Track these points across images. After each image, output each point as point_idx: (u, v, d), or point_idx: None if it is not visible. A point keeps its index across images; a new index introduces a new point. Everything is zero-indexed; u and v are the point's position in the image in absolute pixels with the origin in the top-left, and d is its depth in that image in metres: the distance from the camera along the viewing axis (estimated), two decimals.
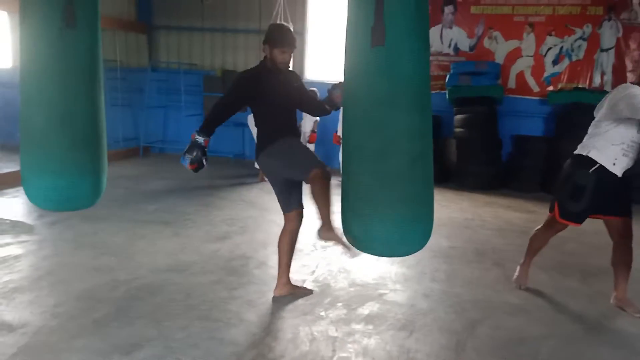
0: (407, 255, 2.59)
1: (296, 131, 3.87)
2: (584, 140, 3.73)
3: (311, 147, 8.09)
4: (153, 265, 4.30)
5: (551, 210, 3.85)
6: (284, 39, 3.53)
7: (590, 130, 3.71)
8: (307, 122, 8.19)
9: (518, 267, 4.18)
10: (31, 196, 2.82)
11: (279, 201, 3.72)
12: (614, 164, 3.54)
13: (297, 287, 3.91)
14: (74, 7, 2.63)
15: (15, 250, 4.61)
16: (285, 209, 3.71)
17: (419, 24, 2.26)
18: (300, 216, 3.74)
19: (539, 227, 4.08)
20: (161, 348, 3.05)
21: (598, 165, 3.55)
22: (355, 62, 2.32)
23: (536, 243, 4.08)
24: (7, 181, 7.02)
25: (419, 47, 2.27)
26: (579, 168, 3.64)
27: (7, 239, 4.89)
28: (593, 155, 3.58)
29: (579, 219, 3.73)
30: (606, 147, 3.55)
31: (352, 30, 2.32)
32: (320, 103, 3.86)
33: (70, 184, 2.76)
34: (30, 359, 2.89)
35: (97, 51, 2.84)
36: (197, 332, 3.26)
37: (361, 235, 2.42)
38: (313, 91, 3.83)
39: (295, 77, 3.80)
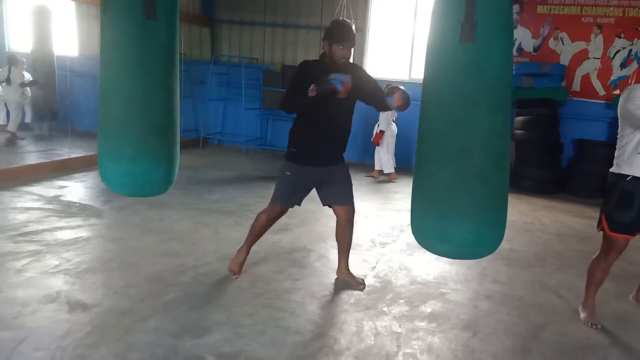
0: (480, 257, 2.55)
1: (335, 138, 3.77)
2: (615, 155, 3.45)
3: (380, 149, 8.06)
4: (218, 253, 4.42)
5: (598, 225, 3.55)
6: (344, 35, 3.54)
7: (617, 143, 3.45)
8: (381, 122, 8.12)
9: (580, 309, 3.71)
10: (108, 181, 2.91)
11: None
12: None
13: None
14: (155, 1, 2.71)
15: (85, 232, 4.82)
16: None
17: (508, 22, 2.23)
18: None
19: (595, 256, 3.66)
20: (230, 333, 3.14)
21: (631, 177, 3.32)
22: (441, 59, 2.27)
23: (598, 274, 3.62)
24: (75, 166, 7.33)
25: (507, 45, 2.24)
26: (620, 179, 3.37)
27: (77, 221, 5.11)
28: (625, 171, 3.34)
29: (631, 230, 3.42)
30: (633, 158, 3.31)
31: (438, 26, 2.28)
32: (383, 98, 3.63)
33: (145, 170, 2.83)
34: (104, 337, 3.02)
35: (174, 43, 2.92)
36: (263, 320, 3.35)
37: (437, 235, 2.35)
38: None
39: (356, 69, 3.72)
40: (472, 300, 3.89)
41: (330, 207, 3.89)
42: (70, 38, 10.69)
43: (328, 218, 5.74)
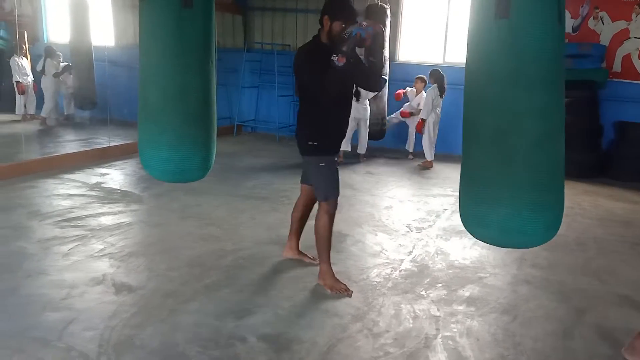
0: (526, 247, 2.44)
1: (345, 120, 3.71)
2: None
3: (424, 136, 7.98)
4: (256, 238, 4.48)
5: None
6: (349, 11, 3.41)
7: None
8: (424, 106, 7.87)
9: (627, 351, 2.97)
10: (148, 167, 2.97)
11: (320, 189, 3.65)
12: None
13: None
14: None
15: (127, 218, 4.95)
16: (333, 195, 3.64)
17: None
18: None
19: None
20: (270, 315, 3.20)
21: None
22: (477, 36, 2.18)
23: None
24: (115, 154, 7.51)
25: (549, 19, 2.08)
26: None
27: (119, 207, 5.24)
28: None
29: None
30: None
31: (475, 3, 2.18)
32: (364, 67, 3.46)
33: (184, 156, 2.87)
34: (150, 318, 3.11)
35: (211, 31, 2.94)
36: (302, 303, 3.40)
37: (475, 221, 2.24)
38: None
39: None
40: (511, 285, 3.86)
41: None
42: (107, 28, 10.87)
43: (363, 204, 5.77)
